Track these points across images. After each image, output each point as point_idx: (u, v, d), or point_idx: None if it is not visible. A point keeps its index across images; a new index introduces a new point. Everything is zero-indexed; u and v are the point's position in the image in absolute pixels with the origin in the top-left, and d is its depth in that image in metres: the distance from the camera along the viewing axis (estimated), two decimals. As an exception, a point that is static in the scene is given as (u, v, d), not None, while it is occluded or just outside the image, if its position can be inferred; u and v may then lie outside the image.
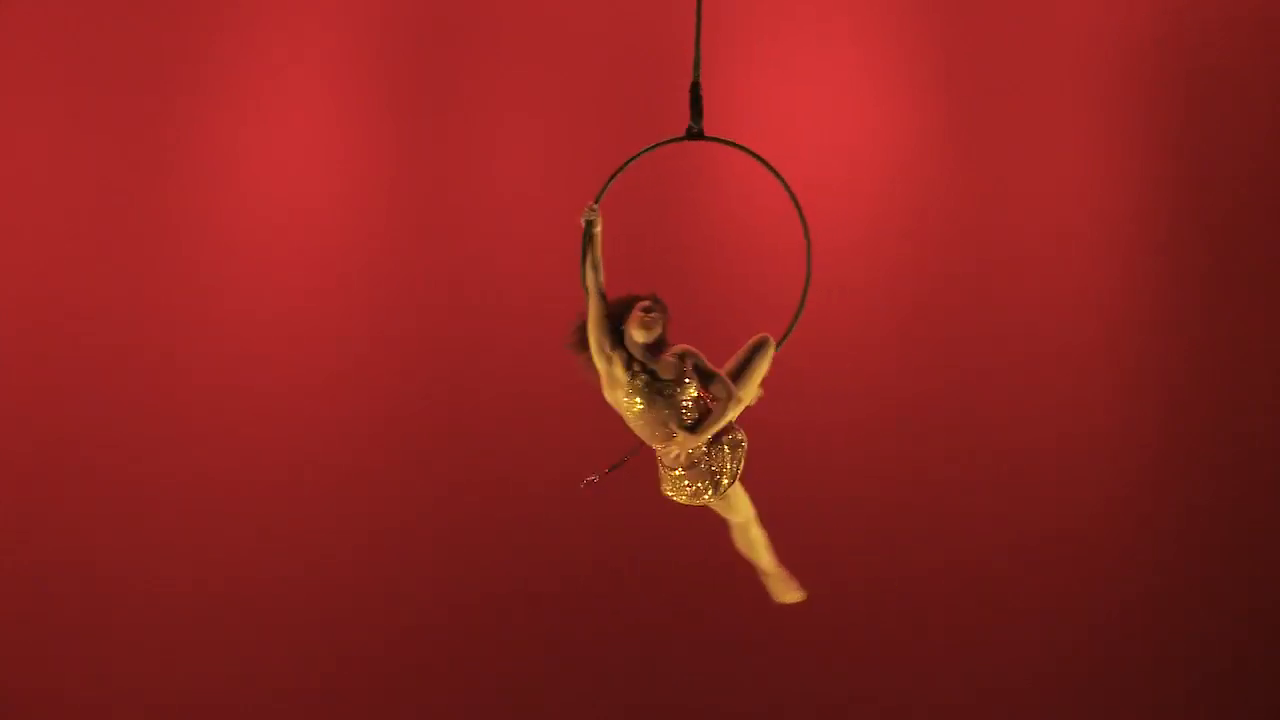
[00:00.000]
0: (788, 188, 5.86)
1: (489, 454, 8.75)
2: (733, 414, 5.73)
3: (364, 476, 8.66)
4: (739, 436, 5.80)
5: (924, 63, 9.08)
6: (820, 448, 8.83)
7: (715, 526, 6.27)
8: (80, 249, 8.57)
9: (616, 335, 5.74)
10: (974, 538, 8.96)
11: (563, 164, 8.85)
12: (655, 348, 5.76)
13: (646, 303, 5.75)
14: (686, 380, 5.72)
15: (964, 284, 9.05)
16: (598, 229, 5.76)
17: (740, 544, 6.13)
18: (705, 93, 5.87)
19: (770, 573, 6.17)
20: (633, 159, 5.90)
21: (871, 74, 9.04)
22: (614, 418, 5.84)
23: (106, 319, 8.57)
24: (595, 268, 5.76)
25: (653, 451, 5.82)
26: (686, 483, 5.82)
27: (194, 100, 8.65)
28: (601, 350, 5.73)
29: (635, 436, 5.83)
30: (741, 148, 5.92)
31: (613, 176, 5.87)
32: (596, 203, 5.78)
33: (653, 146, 5.92)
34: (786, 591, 6.19)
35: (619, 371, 5.73)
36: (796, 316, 5.86)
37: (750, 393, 5.78)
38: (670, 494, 5.88)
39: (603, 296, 5.74)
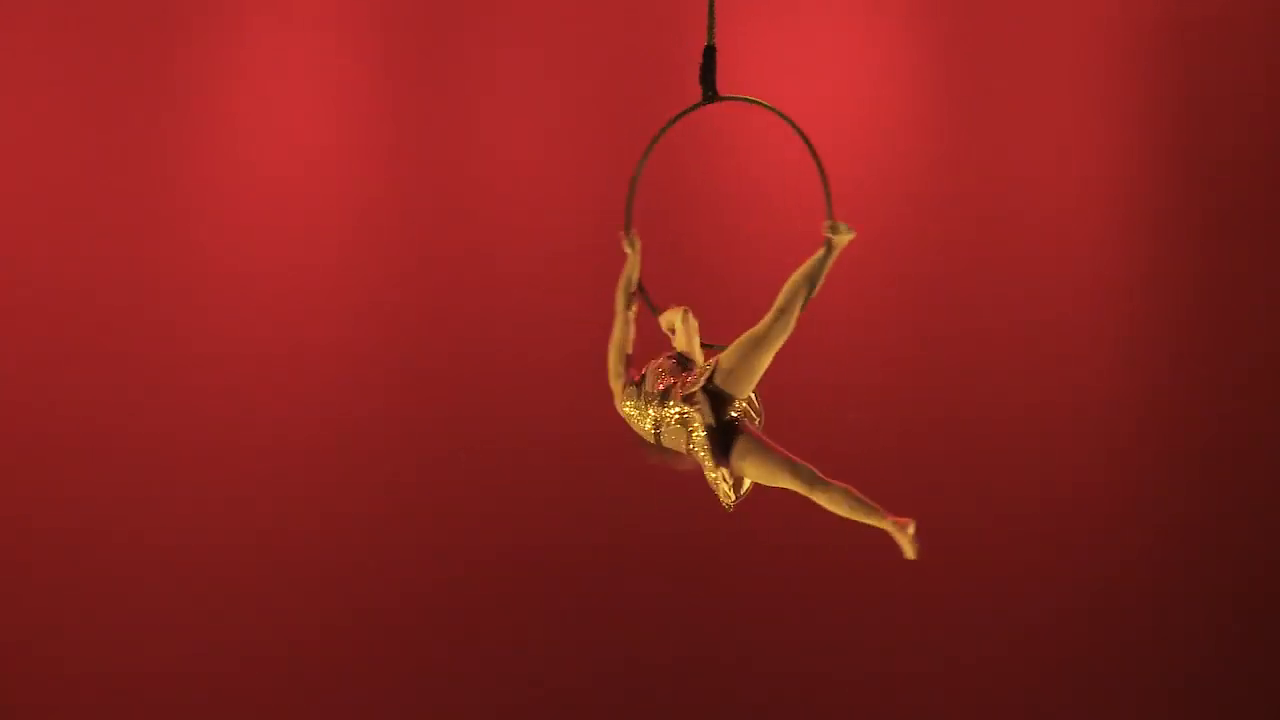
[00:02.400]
0: (805, 138, 5.70)
1: (487, 424, 8.69)
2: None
3: (359, 447, 8.62)
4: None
5: (925, 33, 9.04)
6: (816, 412, 8.79)
7: (710, 505, 6.21)
8: (71, 215, 8.52)
9: None
10: (972, 505, 8.92)
11: (568, 130, 8.78)
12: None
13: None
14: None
15: (963, 250, 8.99)
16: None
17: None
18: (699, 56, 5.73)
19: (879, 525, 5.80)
20: (656, 138, 5.71)
21: (872, 42, 9.00)
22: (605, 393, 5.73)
23: (102, 295, 8.52)
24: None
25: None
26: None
27: (185, 56, 8.59)
28: None
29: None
30: (763, 104, 5.75)
31: (642, 160, 5.67)
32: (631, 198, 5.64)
33: (673, 121, 5.73)
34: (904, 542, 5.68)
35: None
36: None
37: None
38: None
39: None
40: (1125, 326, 9.08)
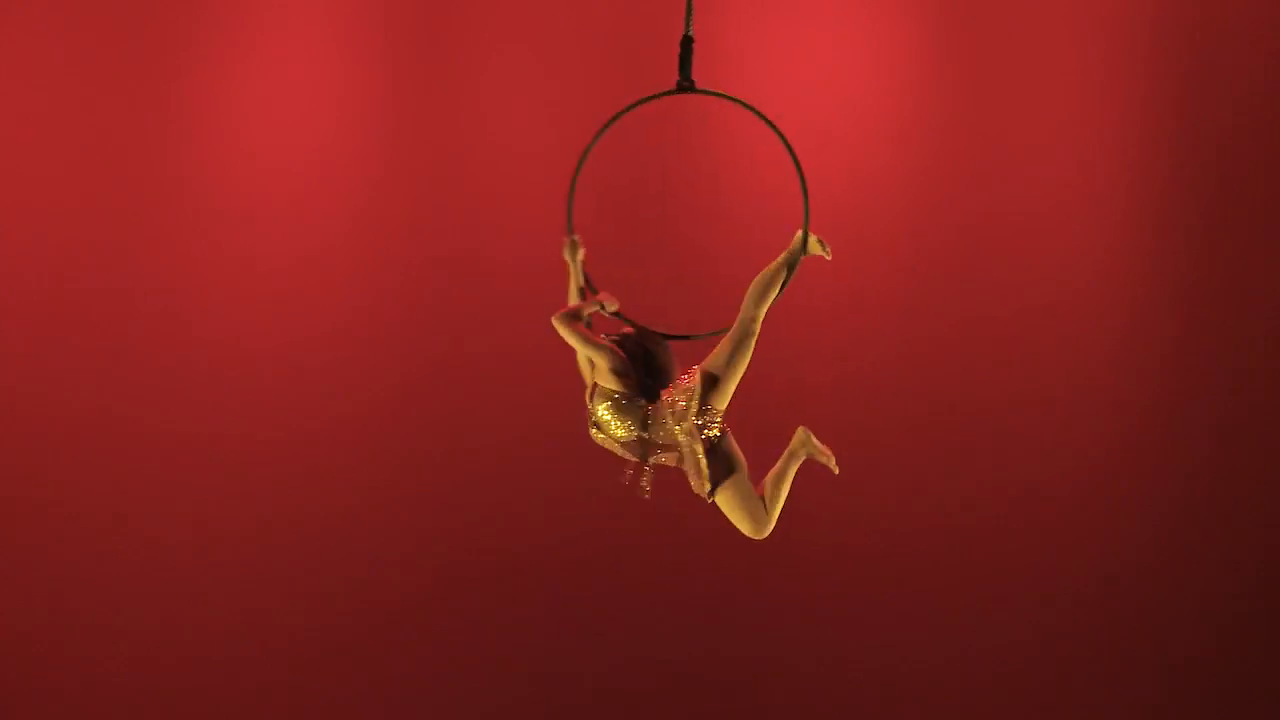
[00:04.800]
0: (782, 136, 5.70)
1: (489, 418, 8.72)
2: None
3: (361, 441, 8.64)
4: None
5: (924, 22, 9.05)
6: (815, 400, 8.79)
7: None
8: (70, 191, 8.51)
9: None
10: (971, 491, 8.96)
11: (561, 110, 8.79)
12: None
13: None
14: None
15: (964, 232, 9.01)
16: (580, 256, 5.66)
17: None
18: (701, 46, 5.73)
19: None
20: (610, 122, 5.72)
21: (871, 32, 9.01)
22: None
23: (99, 269, 8.52)
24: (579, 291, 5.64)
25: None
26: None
27: (187, 46, 8.60)
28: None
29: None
30: (736, 100, 5.75)
31: (591, 142, 5.68)
32: (576, 173, 5.63)
33: (631, 106, 5.75)
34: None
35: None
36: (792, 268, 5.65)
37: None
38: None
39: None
40: (1126, 317, 9.09)
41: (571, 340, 5.52)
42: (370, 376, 8.64)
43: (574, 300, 5.65)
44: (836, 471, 5.67)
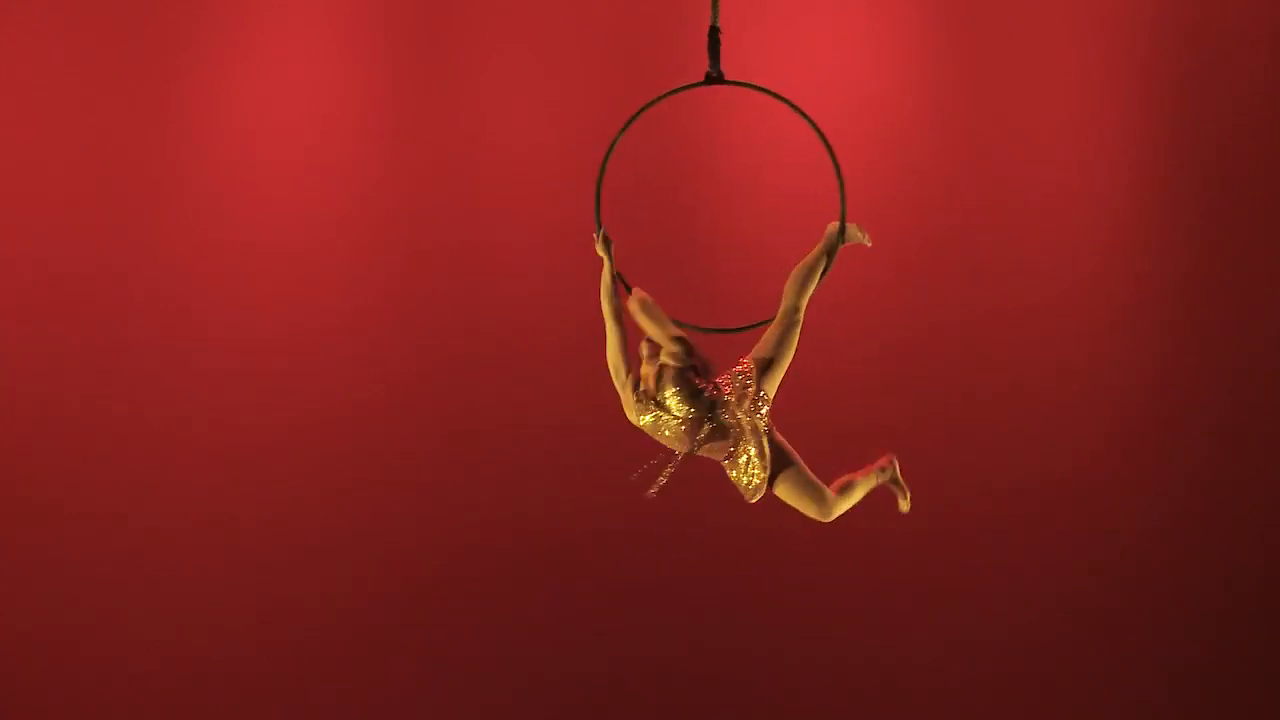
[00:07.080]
0: (814, 125, 5.72)
1: (484, 403, 8.69)
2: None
3: (358, 426, 8.62)
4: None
5: (925, 14, 9.02)
6: (815, 397, 8.78)
7: (708, 490, 6.25)
8: (72, 188, 8.49)
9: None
10: (969, 487, 8.93)
11: (570, 106, 8.78)
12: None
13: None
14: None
15: (963, 233, 9.00)
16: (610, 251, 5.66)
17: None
18: (701, 43, 5.74)
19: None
20: (643, 109, 5.72)
21: (872, 25, 8.99)
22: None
23: (100, 268, 8.50)
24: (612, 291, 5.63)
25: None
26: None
27: (187, 46, 8.59)
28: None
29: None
30: (766, 90, 5.75)
31: (622, 130, 5.67)
32: (604, 165, 5.64)
33: (667, 94, 5.74)
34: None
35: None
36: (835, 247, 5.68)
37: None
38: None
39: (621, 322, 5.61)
40: (1125, 314, 9.07)
41: (651, 323, 5.52)
42: (371, 374, 8.63)
43: (608, 290, 5.63)
44: (905, 510, 5.87)
